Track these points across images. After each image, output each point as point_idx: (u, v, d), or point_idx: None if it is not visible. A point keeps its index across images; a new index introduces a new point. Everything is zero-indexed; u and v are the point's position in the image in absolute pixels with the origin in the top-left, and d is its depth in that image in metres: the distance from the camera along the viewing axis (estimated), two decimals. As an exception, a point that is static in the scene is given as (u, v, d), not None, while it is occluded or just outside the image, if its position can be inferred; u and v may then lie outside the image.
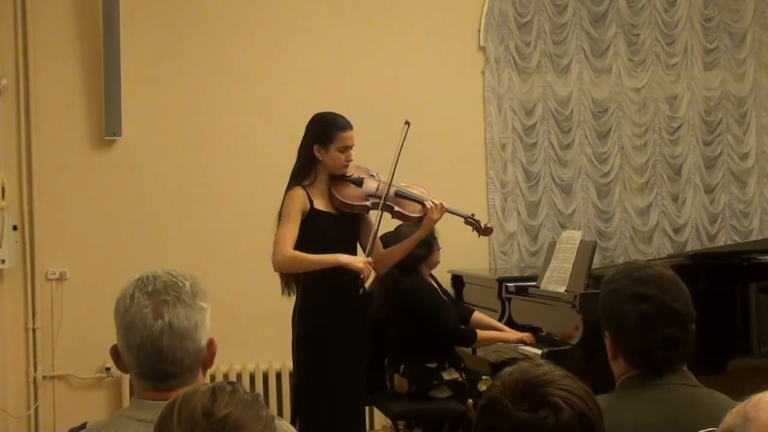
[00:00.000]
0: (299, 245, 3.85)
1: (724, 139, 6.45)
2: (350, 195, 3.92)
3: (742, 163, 6.46)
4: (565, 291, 4.52)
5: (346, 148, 3.87)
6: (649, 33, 6.36)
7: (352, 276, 3.81)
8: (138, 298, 1.76)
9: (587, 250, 4.59)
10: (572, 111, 6.25)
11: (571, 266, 4.57)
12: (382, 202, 3.91)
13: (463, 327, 4.63)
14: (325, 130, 3.88)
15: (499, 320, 4.93)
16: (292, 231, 3.80)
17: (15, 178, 5.57)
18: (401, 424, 4.82)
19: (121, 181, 5.72)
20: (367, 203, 3.95)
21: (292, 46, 5.91)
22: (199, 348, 1.78)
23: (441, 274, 5.23)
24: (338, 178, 3.92)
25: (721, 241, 6.37)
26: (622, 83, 6.32)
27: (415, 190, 4.05)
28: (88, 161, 5.70)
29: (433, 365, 4.54)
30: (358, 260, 3.82)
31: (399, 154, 3.94)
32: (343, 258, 3.80)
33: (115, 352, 1.82)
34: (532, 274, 5.10)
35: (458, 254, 5.49)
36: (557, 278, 4.64)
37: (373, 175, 4.03)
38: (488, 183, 6.12)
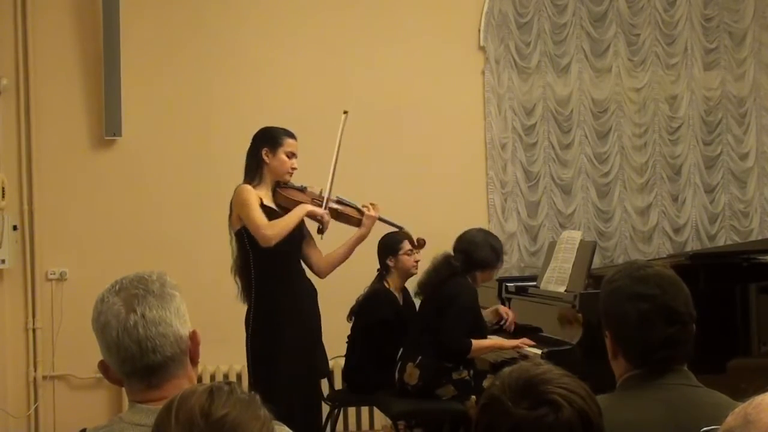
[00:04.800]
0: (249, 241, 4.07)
1: (724, 139, 6.44)
2: (296, 195, 4.20)
3: (742, 163, 6.45)
4: (565, 291, 4.52)
5: (292, 154, 4.15)
6: (649, 33, 6.35)
7: (303, 278, 4.16)
8: (108, 298, 1.80)
9: (587, 250, 4.59)
10: (572, 111, 6.24)
11: (571, 266, 4.57)
12: (325, 203, 4.20)
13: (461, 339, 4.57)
14: (274, 135, 4.18)
15: (500, 320, 4.92)
16: (261, 212, 4.02)
17: (15, 178, 5.58)
18: (401, 424, 4.81)
19: (121, 181, 5.72)
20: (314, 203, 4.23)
21: (292, 47, 5.91)
22: (178, 334, 1.78)
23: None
24: (282, 186, 4.18)
25: (721, 241, 6.36)
26: (622, 83, 6.31)
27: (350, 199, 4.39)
28: (88, 161, 5.70)
29: (449, 365, 4.53)
30: (317, 208, 4.13)
31: (339, 145, 4.27)
32: (308, 207, 4.10)
33: (103, 366, 1.82)
34: (532, 274, 5.10)
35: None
36: (557, 278, 4.64)
37: (311, 187, 4.29)
38: (488, 183, 6.11)
